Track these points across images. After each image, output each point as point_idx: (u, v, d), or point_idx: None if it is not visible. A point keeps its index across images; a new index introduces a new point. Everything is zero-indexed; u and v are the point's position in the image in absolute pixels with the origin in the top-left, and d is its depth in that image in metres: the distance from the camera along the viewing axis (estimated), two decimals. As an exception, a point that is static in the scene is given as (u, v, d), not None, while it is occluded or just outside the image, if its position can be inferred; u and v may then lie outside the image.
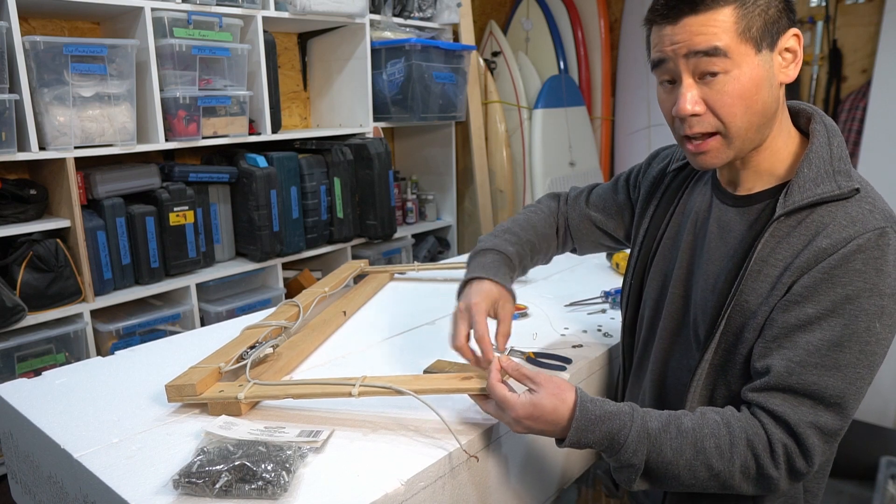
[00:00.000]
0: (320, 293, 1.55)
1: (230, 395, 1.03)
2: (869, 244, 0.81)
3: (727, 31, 0.82)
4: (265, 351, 1.20)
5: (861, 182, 0.87)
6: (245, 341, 1.24)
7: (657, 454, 0.85)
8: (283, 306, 1.47)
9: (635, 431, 0.85)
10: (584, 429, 0.85)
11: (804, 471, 0.83)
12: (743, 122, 0.86)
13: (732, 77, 0.84)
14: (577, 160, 3.40)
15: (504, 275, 1.16)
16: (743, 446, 0.84)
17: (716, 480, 0.85)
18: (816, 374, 0.82)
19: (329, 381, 1.04)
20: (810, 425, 0.82)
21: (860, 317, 0.81)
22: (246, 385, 1.05)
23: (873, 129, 2.78)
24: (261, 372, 1.15)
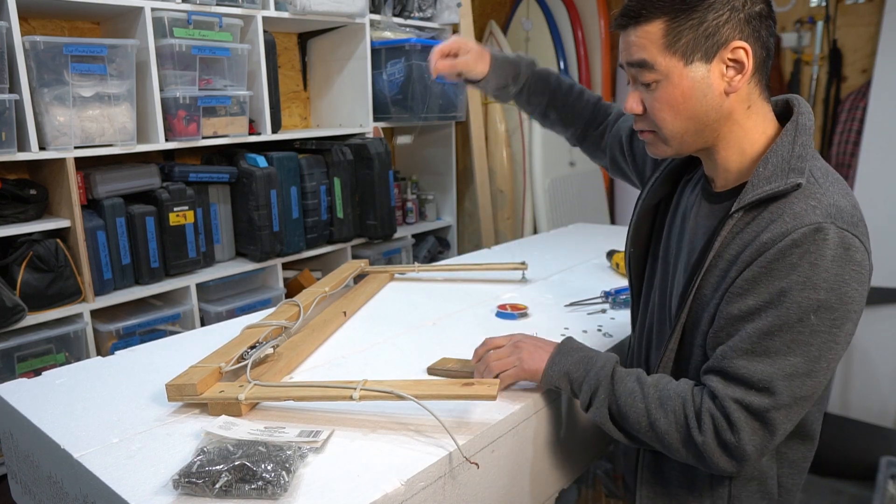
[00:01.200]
0: (320, 293, 1.55)
1: (231, 395, 1.03)
2: (804, 239, 0.84)
3: (654, 44, 0.90)
4: (266, 351, 1.20)
5: (815, 177, 0.90)
6: (245, 341, 1.24)
7: (616, 385, 0.97)
8: (284, 306, 1.47)
9: (604, 358, 1.01)
10: (567, 349, 1.03)
11: (733, 444, 0.87)
12: (673, 126, 0.94)
13: (662, 86, 0.92)
14: (577, 160, 3.40)
15: (504, 64, 1.33)
16: (677, 404, 0.91)
17: (654, 432, 0.93)
18: (746, 359, 0.87)
19: (330, 385, 1.04)
20: (735, 401, 0.87)
21: (792, 308, 0.84)
22: (246, 386, 1.05)
23: (873, 129, 2.78)
24: (261, 372, 1.15)
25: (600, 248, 1.99)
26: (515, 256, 1.98)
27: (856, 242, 0.85)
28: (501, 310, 1.50)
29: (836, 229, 0.84)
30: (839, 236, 0.84)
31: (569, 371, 1.01)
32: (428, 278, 1.83)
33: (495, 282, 1.77)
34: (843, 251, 0.84)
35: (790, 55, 3.12)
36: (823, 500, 2.60)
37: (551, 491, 1.20)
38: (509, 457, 1.06)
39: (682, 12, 0.88)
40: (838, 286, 0.84)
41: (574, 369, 1.01)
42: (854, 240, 0.85)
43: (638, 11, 0.91)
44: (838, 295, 0.84)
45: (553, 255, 2.03)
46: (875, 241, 3.11)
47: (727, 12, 0.88)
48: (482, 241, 3.13)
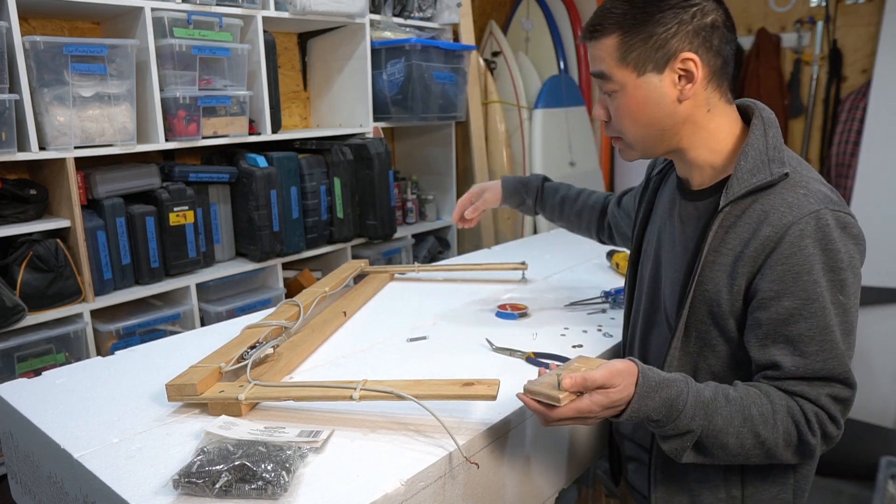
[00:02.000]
0: (320, 293, 1.55)
1: (231, 395, 1.03)
2: (810, 228, 0.90)
3: (610, 57, 0.97)
4: (266, 351, 1.20)
5: (793, 165, 0.96)
6: (245, 341, 1.23)
7: (709, 422, 0.90)
8: (284, 306, 1.47)
9: (692, 398, 0.90)
10: (646, 395, 0.89)
11: (834, 434, 0.92)
12: (634, 132, 1.01)
13: (620, 96, 0.99)
14: (577, 160, 3.40)
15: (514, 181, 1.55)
16: (784, 414, 0.90)
17: (761, 448, 0.91)
18: (821, 359, 0.90)
19: (330, 385, 1.04)
20: (829, 397, 0.91)
21: (826, 296, 0.90)
22: (247, 386, 1.05)
23: (873, 129, 2.78)
24: (261, 372, 1.15)
25: (600, 248, 1.99)
26: (515, 256, 1.98)
27: (849, 220, 0.92)
28: (501, 310, 1.50)
29: (831, 212, 0.91)
30: (835, 218, 0.90)
31: (649, 416, 0.90)
32: (428, 278, 1.83)
33: (495, 282, 1.77)
34: (841, 231, 0.91)
35: (790, 55, 3.12)
36: (823, 500, 2.60)
37: (551, 491, 1.20)
38: (509, 457, 1.06)
39: (633, 27, 0.95)
40: (850, 262, 0.91)
41: (655, 414, 0.90)
42: (847, 217, 0.92)
43: (595, 27, 0.99)
44: (852, 270, 0.91)
45: (553, 255, 2.03)
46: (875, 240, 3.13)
47: (675, 26, 0.94)
48: (482, 241, 3.13)
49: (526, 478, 1.11)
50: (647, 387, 0.89)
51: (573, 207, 1.52)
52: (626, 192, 1.46)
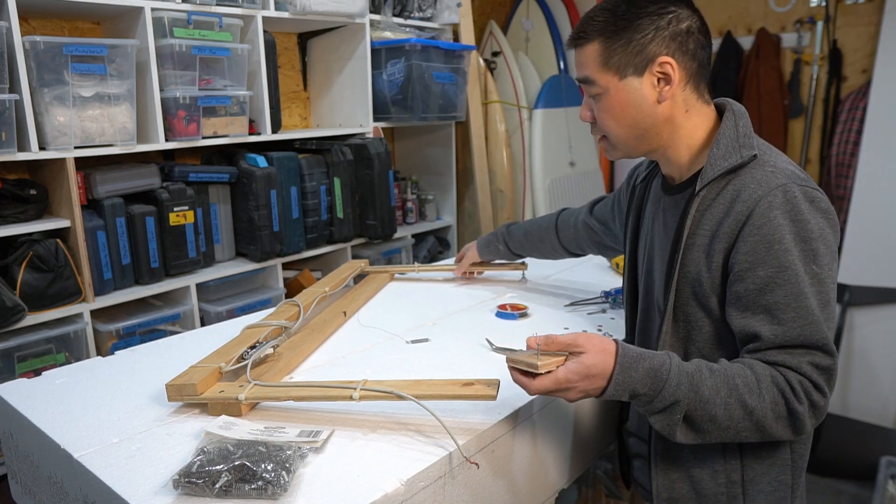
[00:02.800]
0: (320, 293, 1.55)
1: (231, 395, 1.03)
2: (778, 200, 0.93)
3: (593, 61, 1.03)
4: (266, 351, 1.20)
5: (762, 148, 1.01)
6: (245, 341, 1.23)
7: (695, 393, 0.90)
8: (284, 306, 1.47)
9: (675, 368, 0.91)
10: (627, 366, 0.90)
11: (821, 403, 0.92)
12: (617, 132, 1.06)
13: (602, 98, 1.05)
14: (577, 160, 3.40)
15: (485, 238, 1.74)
16: (769, 383, 0.91)
17: (750, 420, 0.91)
18: (798, 326, 0.92)
19: (330, 385, 1.04)
20: (809, 363, 0.92)
21: (799, 264, 0.92)
22: (247, 386, 1.05)
23: (873, 129, 2.78)
24: (261, 372, 1.15)
25: (600, 248, 1.99)
26: (515, 256, 1.98)
27: (817, 195, 0.95)
28: (501, 310, 1.50)
29: (798, 187, 0.95)
30: (802, 192, 0.94)
31: (634, 389, 0.91)
32: (428, 278, 1.83)
33: (495, 282, 1.77)
34: (809, 204, 0.94)
35: (790, 55, 3.12)
36: (823, 500, 2.60)
37: (551, 491, 1.20)
38: (509, 457, 1.06)
39: (613, 34, 1.01)
40: (820, 234, 0.93)
41: (640, 386, 0.91)
42: (815, 192, 0.95)
43: (579, 35, 1.05)
44: (823, 242, 0.94)
45: (553, 255, 2.03)
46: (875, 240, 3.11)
47: (652, 31, 1.00)
48: (482, 241, 3.13)
49: (526, 478, 1.11)
50: (627, 358, 0.90)
51: (536, 236, 1.62)
52: (596, 201, 1.52)
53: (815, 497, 2.61)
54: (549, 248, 1.61)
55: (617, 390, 0.90)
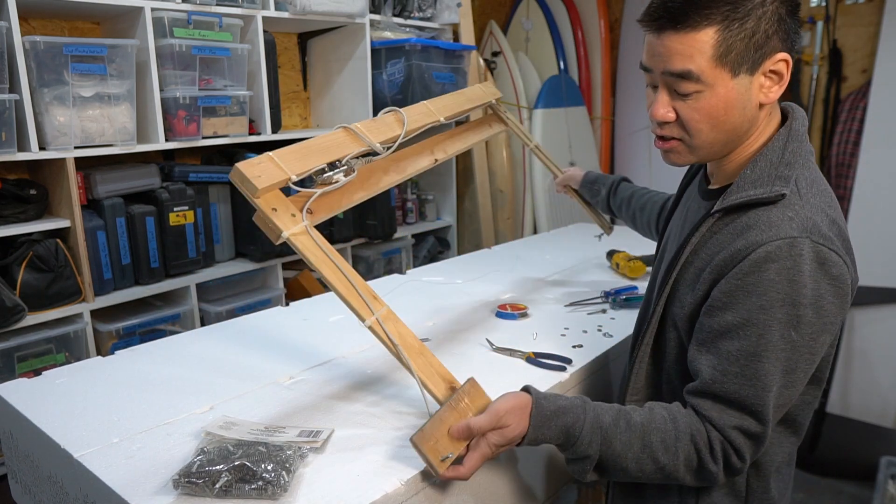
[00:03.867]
0: (434, 119, 1.32)
1: (276, 226, 0.96)
2: (780, 253, 0.83)
3: (703, 54, 0.84)
4: (337, 177, 1.08)
5: (800, 187, 0.88)
6: (332, 149, 1.09)
7: (608, 447, 0.90)
8: (388, 116, 1.26)
9: (588, 424, 0.90)
10: (539, 426, 0.89)
11: (738, 466, 0.89)
12: (708, 137, 0.90)
13: (703, 97, 0.87)
14: (577, 160, 3.40)
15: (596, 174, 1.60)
16: (686, 441, 0.89)
17: (661, 473, 0.90)
18: (737, 383, 0.86)
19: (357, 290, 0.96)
20: (735, 428, 0.87)
21: (773, 326, 0.84)
22: (297, 225, 0.98)
23: (873, 129, 2.78)
24: (319, 198, 1.05)
25: (600, 248, 1.99)
26: (515, 256, 1.98)
27: (832, 257, 0.84)
28: (501, 310, 1.50)
29: (811, 243, 0.83)
30: (814, 251, 0.83)
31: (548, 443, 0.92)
32: (428, 278, 1.83)
33: (495, 282, 1.77)
34: (818, 266, 0.83)
35: (790, 55, 3.12)
36: (823, 500, 2.60)
37: (551, 491, 1.20)
38: (510, 456, 1.06)
39: (735, 21, 0.82)
40: (816, 301, 0.83)
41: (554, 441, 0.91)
42: (831, 254, 0.84)
43: (684, 15, 0.83)
44: (816, 309, 0.84)
45: (553, 255, 2.03)
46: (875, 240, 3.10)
47: (776, 22, 0.84)
48: (482, 241, 3.13)
49: (526, 477, 1.11)
50: (540, 418, 0.89)
51: (639, 202, 1.46)
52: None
53: (815, 497, 2.61)
54: (644, 221, 1.45)
55: (530, 445, 0.91)
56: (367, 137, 1.15)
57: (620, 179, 1.56)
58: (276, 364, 1.24)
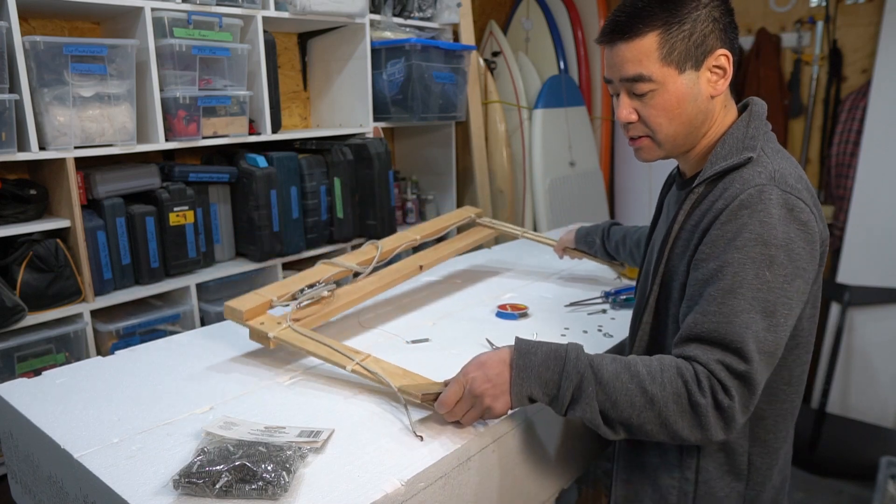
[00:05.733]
0: (410, 239, 1.49)
1: (264, 330, 1.18)
2: (751, 199, 0.91)
3: (650, 57, 0.96)
4: (321, 293, 1.26)
5: (766, 151, 0.98)
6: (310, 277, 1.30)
7: (595, 375, 0.91)
8: (368, 247, 1.47)
9: (573, 350, 0.94)
10: (526, 352, 0.94)
11: (726, 405, 0.87)
12: (668, 130, 1.01)
13: (657, 94, 0.98)
14: (577, 160, 3.40)
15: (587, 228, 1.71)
16: (672, 373, 0.90)
17: (652, 408, 0.88)
18: (716, 321, 0.89)
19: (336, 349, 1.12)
20: (720, 363, 0.89)
21: (747, 265, 0.89)
22: (282, 325, 1.17)
23: (873, 129, 2.78)
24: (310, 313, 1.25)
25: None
26: (515, 256, 1.98)
27: (800, 204, 0.91)
28: (501, 310, 1.50)
29: (780, 191, 0.91)
30: (783, 198, 0.91)
31: (539, 375, 0.93)
32: (428, 278, 1.83)
33: (495, 282, 1.77)
34: (786, 211, 0.90)
35: (790, 55, 3.12)
36: (823, 500, 2.60)
37: (551, 491, 1.20)
38: (509, 457, 1.06)
39: (673, 25, 0.95)
40: (786, 243, 0.89)
41: (544, 371, 0.93)
42: (798, 201, 0.91)
43: (629, 27, 0.97)
44: (787, 252, 0.89)
45: (553, 256, 2.03)
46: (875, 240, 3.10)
47: (710, 23, 0.96)
48: (482, 241, 3.13)
49: (526, 478, 1.11)
50: (524, 345, 0.95)
51: (632, 238, 1.55)
52: None
53: (815, 497, 2.61)
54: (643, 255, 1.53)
55: (521, 376, 0.93)
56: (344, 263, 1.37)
57: (609, 225, 1.65)
58: (277, 364, 1.24)
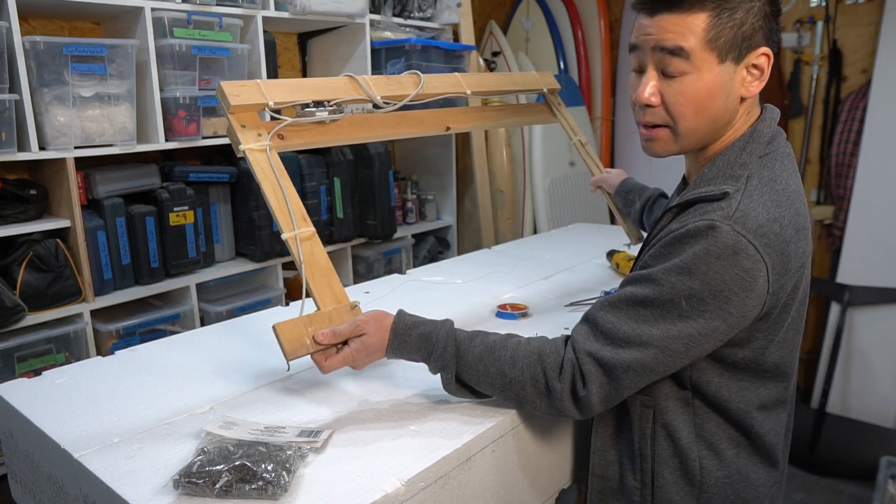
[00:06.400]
0: (459, 89, 1.30)
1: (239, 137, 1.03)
2: (698, 232, 0.86)
3: (695, 35, 0.87)
4: (324, 118, 1.11)
5: (745, 186, 0.89)
6: (324, 91, 1.13)
7: (461, 358, 0.99)
8: (410, 76, 1.26)
9: (444, 333, 1.00)
10: (401, 333, 1.01)
11: (582, 394, 0.92)
12: (691, 123, 0.92)
13: (690, 79, 0.89)
14: (577, 160, 3.40)
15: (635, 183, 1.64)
16: (534, 359, 0.95)
17: (510, 389, 0.97)
18: (615, 315, 0.91)
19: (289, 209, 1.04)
20: (589, 355, 0.92)
21: (666, 288, 0.87)
22: (260, 141, 1.04)
23: (873, 129, 2.78)
24: (299, 131, 1.10)
25: (600, 248, 1.99)
26: (515, 256, 1.98)
27: (749, 249, 0.84)
28: (501, 310, 1.50)
29: (732, 232, 0.84)
30: (733, 239, 0.84)
31: (409, 355, 1.02)
32: (428, 278, 1.83)
33: (495, 282, 1.77)
34: (730, 253, 0.84)
35: (790, 55, 3.12)
36: (823, 500, 2.60)
37: (551, 491, 1.20)
38: (509, 457, 1.06)
39: (725, 10, 0.86)
40: (715, 282, 0.85)
41: (414, 352, 1.02)
42: (748, 246, 0.84)
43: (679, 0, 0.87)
44: (712, 290, 0.85)
45: (553, 255, 2.03)
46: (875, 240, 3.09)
47: (761, 18, 0.88)
48: (482, 241, 3.13)
49: (526, 477, 1.11)
50: (401, 326, 1.01)
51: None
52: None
53: (815, 497, 2.61)
54: None
55: (396, 355, 1.02)
56: (369, 89, 1.16)
57: (658, 195, 1.55)
58: (277, 364, 1.24)
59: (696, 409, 0.98)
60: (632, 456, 1.02)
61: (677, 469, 0.99)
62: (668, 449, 0.99)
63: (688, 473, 0.98)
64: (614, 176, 1.67)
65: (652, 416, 0.98)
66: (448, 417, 1.02)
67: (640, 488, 1.01)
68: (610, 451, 1.05)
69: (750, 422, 0.97)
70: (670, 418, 0.97)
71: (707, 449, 0.98)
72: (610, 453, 1.05)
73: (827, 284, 2.91)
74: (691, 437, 0.98)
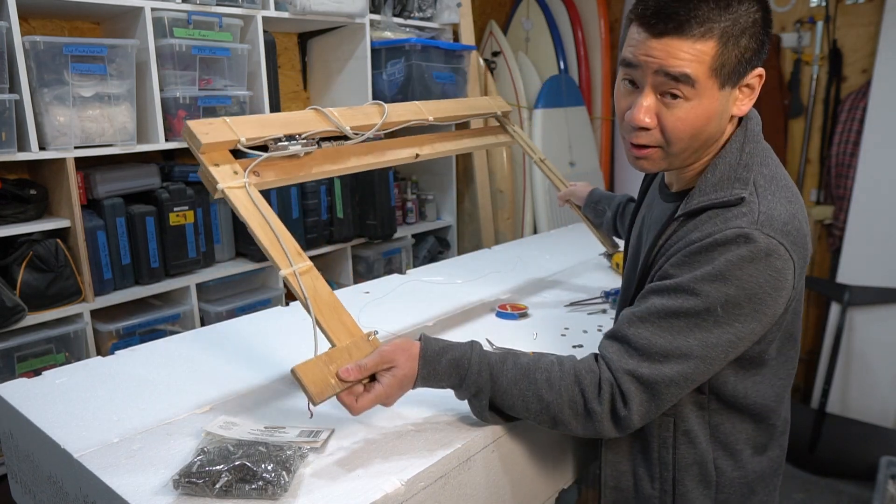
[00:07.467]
0: (421, 116, 1.28)
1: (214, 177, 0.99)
2: (727, 240, 0.85)
3: (702, 63, 0.84)
4: (297, 152, 1.08)
5: (755, 188, 0.90)
6: (293, 124, 1.10)
7: (495, 382, 0.94)
8: (373, 107, 1.26)
9: (476, 357, 0.95)
10: (430, 361, 0.94)
11: (622, 414, 0.90)
12: (686, 145, 0.91)
13: (691, 105, 0.87)
14: (577, 160, 3.40)
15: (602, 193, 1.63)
16: (571, 381, 0.92)
17: (547, 413, 0.93)
18: (649, 330, 0.89)
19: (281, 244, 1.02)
20: (628, 373, 0.89)
21: (701, 296, 0.86)
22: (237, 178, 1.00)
23: (873, 129, 2.78)
24: (273, 167, 1.06)
25: (600, 248, 1.99)
26: (515, 256, 1.98)
27: (780, 250, 0.85)
28: (501, 310, 1.50)
29: (764, 236, 0.85)
30: (765, 243, 0.85)
31: (440, 383, 0.96)
32: (428, 278, 1.83)
33: (495, 282, 1.77)
34: (763, 255, 0.85)
35: (790, 55, 3.12)
36: (823, 500, 2.60)
37: (551, 491, 1.20)
38: (509, 456, 1.06)
39: (732, 38, 0.84)
40: (750, 286, 0.85)
41: (446, 379, 0.95)
42: (779, 247, 0.85)
43: (688, 25, 0.83)
44: (748, 294, 0.85)
45: (553, 255, 2.03)
46: (875, 240, 3.09)
47: (757, 41, 0.87)
48: (482, 241, 3.13)
49: (526, 477, 1.11)
50: (430, 353, 0.94)
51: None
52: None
53: (815, 497, 2.61)
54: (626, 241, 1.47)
55: (426, 384, 0.95)
56: (337, 120, 1.16)
57: (627, 200, 1.55)
58: (277, 364, 1.24)
59: (711, 412, 0.98)
60: (649, 464, 1.01)
61: (697, 475, 0.99)
62: (688, 456, 0.99)
63: (706, 477, 0.99)
64: (581, 188, 1.66)
65: (672, 425, 0.98)
66: (448, 417, 1.02)
67: (659, 496, 1.01)
68: (623, 462, 1.05)
69: (767, 413, 0.99)
70: (690, 425, 0.97)
71: (722, 450, 0.99)
72: (623, 464, 1.05)
73: (827, 284, 2.91)
74: (707, 441, 0.99)
